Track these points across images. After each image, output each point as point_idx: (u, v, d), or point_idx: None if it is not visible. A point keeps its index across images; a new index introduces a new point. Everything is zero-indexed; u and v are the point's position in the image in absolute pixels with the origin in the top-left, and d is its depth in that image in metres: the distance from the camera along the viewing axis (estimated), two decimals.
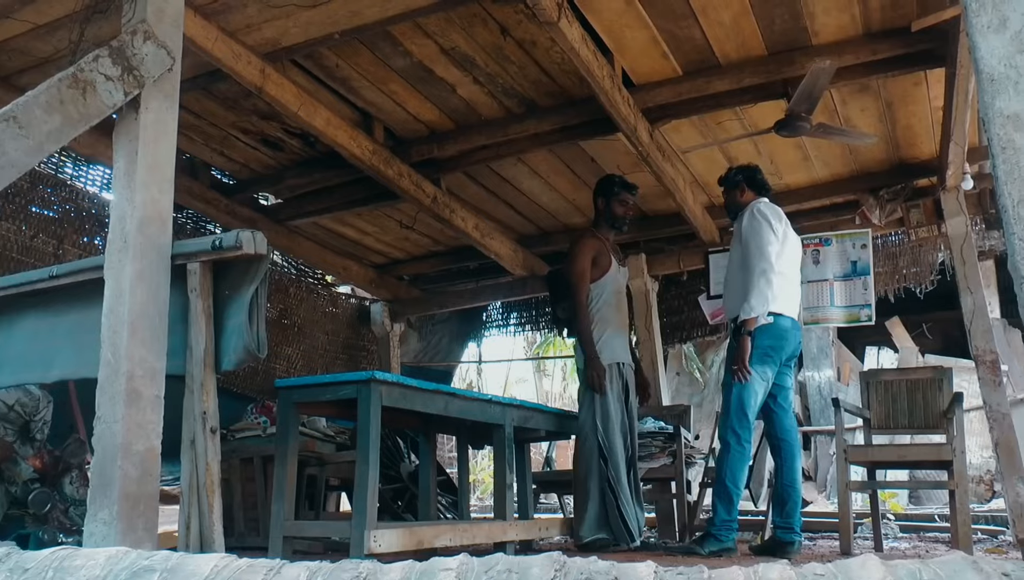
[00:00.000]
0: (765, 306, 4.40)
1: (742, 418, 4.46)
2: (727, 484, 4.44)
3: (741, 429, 4.46)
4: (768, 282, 4.39)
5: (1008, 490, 5.01)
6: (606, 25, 4.38)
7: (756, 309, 4.39)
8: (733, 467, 4.45)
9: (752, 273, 4.42)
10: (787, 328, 4.56)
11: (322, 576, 1.43)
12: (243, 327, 2.82)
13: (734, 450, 4.46)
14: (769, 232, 4.49)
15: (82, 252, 5.65)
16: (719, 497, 4.48)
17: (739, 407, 4.45)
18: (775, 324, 4.50)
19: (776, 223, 4.56)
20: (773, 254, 4.45)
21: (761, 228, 4.50)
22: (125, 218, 2.83)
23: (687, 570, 1.35)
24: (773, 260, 4.43)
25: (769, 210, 4.61)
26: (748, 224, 4.56)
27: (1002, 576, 1.22)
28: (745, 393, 4.45)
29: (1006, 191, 1.78)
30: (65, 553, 1.60)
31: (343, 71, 4.84)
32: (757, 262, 4.42)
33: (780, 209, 4.72)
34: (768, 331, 4.48)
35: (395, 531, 3.64)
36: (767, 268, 4.40)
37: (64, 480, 4.28)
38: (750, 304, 4.39)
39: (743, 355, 4.40)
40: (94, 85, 2.80)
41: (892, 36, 4.50)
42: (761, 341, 4.46)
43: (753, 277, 4.40)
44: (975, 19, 1.88)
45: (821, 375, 11.14)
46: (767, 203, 4.70)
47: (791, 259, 4.67)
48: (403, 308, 8.28)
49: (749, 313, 4.39)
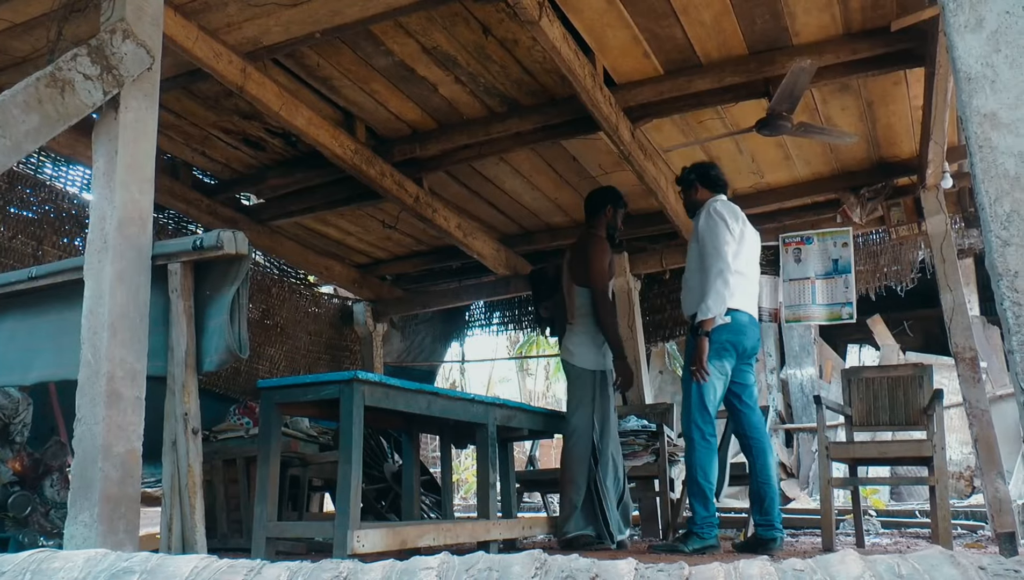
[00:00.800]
0: (722, 307, 4.41)
1: (704, 413, 4.47)
2: (699, 481, 4.45)
3: (704, 424, 4.47)
4: (725, 282, 4.40)
5: (987, 485, 5.05)
6: (587, 24, 4.39)
7: (713, 310, 4.39)
8: (702, 462, 4.46)
9: (709, 273, 4.42)
10: (745, 323, 4.57)
11: (303, 576, 1.43)
12: (224, 327, 2.81)
13: (699, 446, 4.46)
14: (725, 231, 4.49)
15: (62, 253, 5.61)
16: (694, 495, 4.49)
17: (700, 402, 4.46)
18: (733, 320, 4.51)
19: (733, 222, 4.56)
20: (730, 254, 4.46)
21: (717, 228, 4.50)
22: (105, 219, 2.81)
23: (667, 567, 1.36)
24: (730, 260, 4.44)
25: (726, 209, 4.61)
26: (704, 223, 4.56)
27: (978, 570, 1.23)
28: (704, 388, 4.46)
29: (983, 189, 1.80)
30: (43, 556, 1.59)
31: (325, 70, 4.83)
32: (714, 263, 4.43)
33: (737, 207, 4.73)
34: (726, 326, 4.49)
35: (378, 531, 3.64)
36: (724, 268, 4.41)
37: (44, 483, 4.25)
38: (707, 305, 4.39)
39: (701, 356, 4.41)
40: (73, 84, 2.78)
41: (872, 36, 4.53)
42: (719, 336, 4.46)
43: (710, 278, 4.41)
44: (952, 19, 1.89)
45: (803, 373, 11.20)
46: (724, 201, 4.70)
47: (749, 257, 4.68)
48: (386, 308, 8.27)
49: (706, 313, 4.39)
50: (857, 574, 1.27)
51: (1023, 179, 1.77)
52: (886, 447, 5.45)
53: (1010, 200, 1.77)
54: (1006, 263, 1.74)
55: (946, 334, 5.54)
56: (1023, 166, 1.78)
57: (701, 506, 4.44)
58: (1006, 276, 1.73)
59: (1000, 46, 1.84)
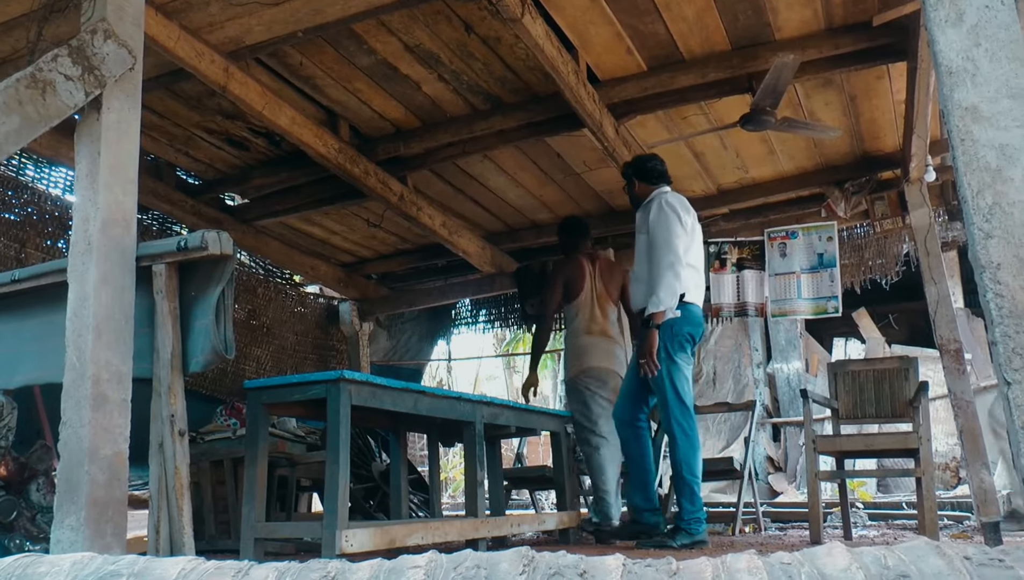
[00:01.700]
0: (673, 300, 4.41)
1: (683, 407, 4.47)
2: (685, 477, 4.45)
3: (684, 418, 4.47)
4: (676, 275, 4.40)
5: (973, 476, 5.08)
6: (570, 21, 4.39)
7: (665, 303, 4.39)
8: (687, 458, 4.46)
9: (660, 266, 4.42)
10: (699, 315, 4.61)
11: (290, 576, 1.43)
12: (210, 328, 2.80)
13: (683, 441, 4.46)
14: (677, 224, 4.50)
15: (45, 255, 5.58)
16: (681, 492, 4.49)
17: (677, 399, 4.46)
18: (691, 312, 4.53)
19: (684, 215, 4.58)
20: (681, 247, 4.46)
21: (669, 220, 4.49)
22: (88, 220, 2.80)
23: (655, 562, 1.36)
24: (681, 253, 4.45)
25: (677, 201, 4.62)
26: (656, 216, 4.55)
27: (964, 560, 1.24)
28: (679, 382, 4.47)
29: (966, 182, 1.81)
30: (29, 560, 1.58)
31: (307, 69, 4.81)
32: (664, 255, 4.42)
33: (686, 200, 4.75)
34: (686, 318, 4.50)
35: (367, 530, 3.63)
36: (675, 261, 4.41)
37: (30, 487, 4.22)
38: (658, 297, 4.39)
39: (651, 349, 4.40)
40: (54, 85, 2.76)
41: (854, 31, 4.55)
42: (681, 328, 4.48)
43: (661, 270, 4.41)
44: (933, 13, 1.90)
45: (790, 367, 11.25)
46: (674, 194, 4.71)
47: (698, 251, 4.70)
48: (372, 307, 8.25)
49: (657, 306, 4.39)
50: (844, 566, 1.27)
51: (1004, 172, 1.78)
52: (872, 440, 5.49)
53: (992, 193, 1.78)
54: (988, 255, 1.75)
55: (931, 326, 5.56)
56: (1004, 159, 1.79)
57: (688, 502, 4.44)
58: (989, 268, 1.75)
59: (980, 40, 1.86)
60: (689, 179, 6.47)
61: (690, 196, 6.71)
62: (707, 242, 6.84)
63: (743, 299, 6.73)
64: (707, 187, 6.64)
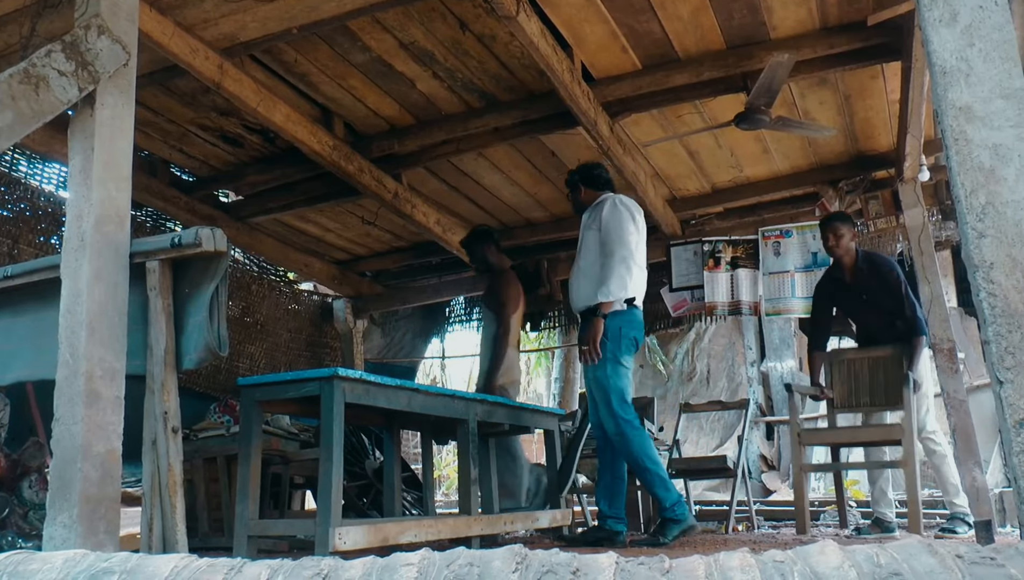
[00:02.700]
0: (623, 292, 4.41)
1: (625, 406, 4.46)
2: (650, 468, 4.42)
3: (628, 415, 4.45)
4: (628, 270, 4.41)
5: (965, 475, 5.09)
6: (565, 19, 4.39)
7: (615, 293, 4.39)
8: (644, 449, 4.43)
9: (613, 258, 4.41)
10: (642, 320, 4.63)
11: (283, 574, 1.43)
12: (204, 325, 2.79)
13: (632, 435, 4.42)
14: (631, 223, 4.52)
15: (38, 251, 5.56)
16: (651, 485, 4.46)
17: (620, 398, 4.46)
18: (635, 315, 4.54)
19: (637, 215, 4.61)
20: (633, 244, 4.48)
21: (622, 219, 4.51)
22: (82, 216, 2.79)
23: (648, 560, 1.36)
24: (634, 249, 4.46)
25: (631, 204, 4.65)
26: (610, 212, 4.54)
27: (956, 558, 1.25)
28: (621, 383, 4.47)
29: (959, 181, 1.82)
30: (20, 557, 1.57)
31: (302, 66, 4.81)
32: (618, 249, 4.42)
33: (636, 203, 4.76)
34: (632, 322, 4.51)
35: (360, 528, 3.63)
36: (627, 255, 4.41)
37: (23, 484, 4.21)
38: (609, 288, 4.38)
39: (596, 336, 4.40)
40: (47, 81, 2.75)
41: (849, 30, 4.56)
42: (628, 331, 4.48)
43: (614, 262, 4.41)
44: (927, 13, 1.91)
45: (783, 365, 11.27)
46: (628, 197, 4.73)
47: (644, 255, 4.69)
48: (366, 304, 8.25)
49: (607, 296, 4.38)
50: (836, 564, 1.28)
51: (998, 171, 1.79)
52: (858, 432, 5.48)
53: (985, 192, 1.79)
54: (982, 254, 1.76)
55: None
56: (998, 159, 1.80)
57: (663, 489, 4.40)
58: (982, 267, 1.75)
59: (974, 40, 1.86)
60: (684, 178, 6.48)
61: (684, 195, 6.77)
62: (701, 241, 6.86)
63: (737, 297, 6.74)
64: (701, 186, 6.64)
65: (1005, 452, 1.74)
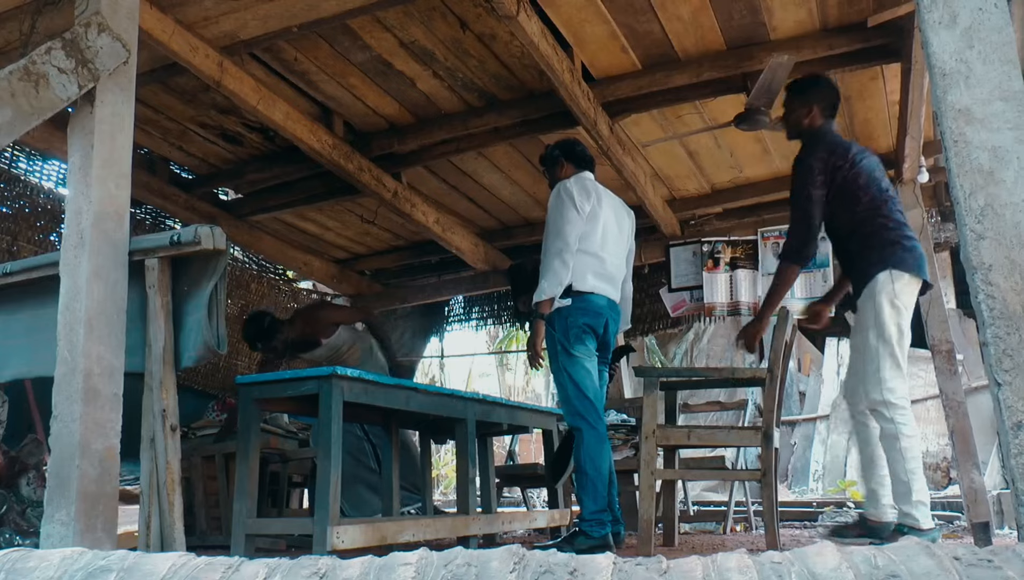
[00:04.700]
0: (558, 288, 4.17)
1: (583, 400, 4.21)
2: (589, 472, 4.15)
3: (587, 412, 4.20)
4: (564, 263, 4.17)
5: (963, 476, 5.10)
6: (565, 19, 4.39)
7: (548, 291, 4.16)
8: (592, 453, 4.17)
9: (547, 254, 4.23)
10: (603, 307, 4.33)
11: (281, 573, 1.43)
12: (203, 323, 2.80)
13: (588, 434, 4.19)
14: (571, 210, 4.23)
15: (37, 249, 5.57)
16: (583, 489, 4.17)
17: (577, 391, 4.21)
18: (590, 302, 4.26)
19: (583, 200, 4.29)
20: (572, 234, 4.20)
21: (562, 207, 4.26)
22: (81, 214, 2.79)
23: (646, 560, 1.36)
24: (571, 240, 4.19)
25: (576, 186, 4.32)
26: (552, 202, 4.32)
27: (953, 560, 1.25)
28: (578, 375, 4.22)
29: (958, 183, 1.82)
30: (18, 555, 1.57)
31: (302, 65, 4.80)
32: (552, 243, 4.22)
33: (595, 185, 4.45)
34: (582, 309, 4.24)
35: (358, 527, 3.63)
36: (563, 248, 4.17)
37: (21, 481, 4.21)
38: (541, 286, 4.19)
39: (535, 340, 4.25)
40: (47, 78, 2.75)
41: (849, 31, 4.56)
42: (577, 319, 4.22)
43: (547, 258, 4.21)
44: (927, 15, 1.91)
45: None
46: (578, 178, 4.41)
47: (607, 238, 4.39)
48: (365, 303, 8.25)
49: (540, 295, 4.18)
50: (834, 565, 1.28)
51: (997, 174, 1.79)
52: (713, 435, 4.71)
53: (984, 194, 1.79)
54: (980, 256, 1.76)
55: (923, 327, 5.57)
56: (997, 161, 1.80)
57: (591, 499, 4.14)
58: (980, 269, 1.76)
59: (973, 42, 1.86)
60: (683, 178, 6.48)
61: (684, 195, 6.77)
62: (700, 241, 6.86)
63: (736, 298, 6.74)
64: (701, 186, 6.64)
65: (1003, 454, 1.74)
